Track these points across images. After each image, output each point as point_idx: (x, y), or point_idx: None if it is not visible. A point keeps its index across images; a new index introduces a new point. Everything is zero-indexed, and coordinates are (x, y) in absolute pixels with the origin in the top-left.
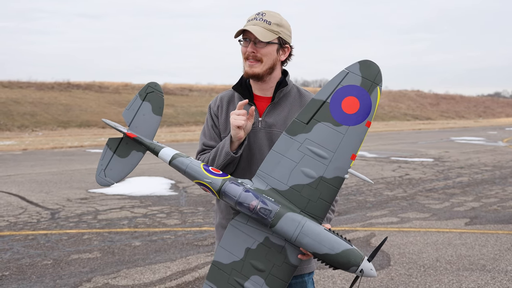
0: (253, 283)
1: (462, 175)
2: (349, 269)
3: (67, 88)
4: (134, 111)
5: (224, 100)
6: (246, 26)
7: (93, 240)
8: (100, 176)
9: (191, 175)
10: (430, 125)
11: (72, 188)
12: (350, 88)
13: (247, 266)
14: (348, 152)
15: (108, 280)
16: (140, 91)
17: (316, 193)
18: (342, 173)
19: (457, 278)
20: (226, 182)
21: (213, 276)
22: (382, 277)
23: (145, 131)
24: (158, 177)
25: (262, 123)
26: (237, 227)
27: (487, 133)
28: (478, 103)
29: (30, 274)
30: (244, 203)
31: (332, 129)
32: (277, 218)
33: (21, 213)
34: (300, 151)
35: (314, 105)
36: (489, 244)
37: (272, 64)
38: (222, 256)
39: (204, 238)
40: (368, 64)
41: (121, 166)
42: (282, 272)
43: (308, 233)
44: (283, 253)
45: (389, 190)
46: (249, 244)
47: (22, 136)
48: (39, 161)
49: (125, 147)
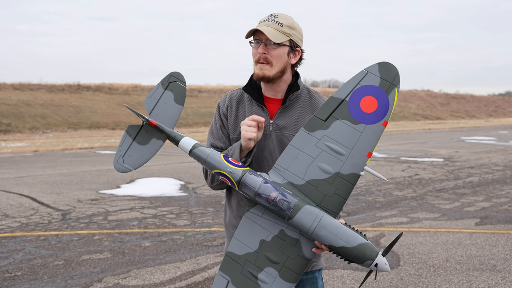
0: (267, 275)
1: (472, 175)
2: (364, 263)
3: (77, 90)
4: (155, 99)
5: (233, 100)
6: (257, 26)
7: (104, 241)
8: (119, 162)
9: (211, 164)
10: (440, 125)
11: (83, 189)
12: (368, 88)
13: (261, 258)
14: (365, 150)
15: (118, 280)
16: (162, 80)
17: (332, 188)
18: (358, 170)
19: (467, 278)
20: (246, 173)
21: (226, 267)
22: (392, 277)
23: (166, 120)
24: (167, 178)
25: (273, 126)
26: (252, 219)
27: (498, 133)
28: (489, 103)
29: (42, 274)
30: (263, 194)
31: (350, 127)
32: (295, 211)
33: (33, 214)
34: (318, 147)
35: (333, 103)
36: (499, 244)
37: (283, 67)
38: (236, 247)
39: (213, 239)
40: (387, 65)
41: (140, 153)
42: (296, 265)
43: (325, 226)
44: (297, 246)
45: (399, 190)
46: (264, 236)
47: (33, 137)
48: (50, 163)
49: (145, 135)
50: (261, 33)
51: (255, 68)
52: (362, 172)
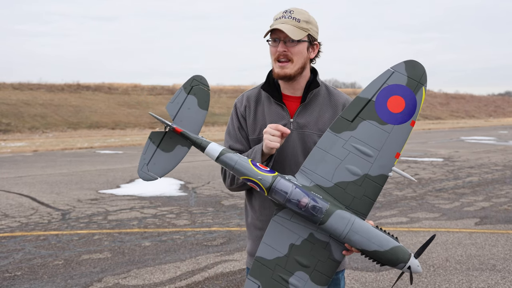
0: (298, 279)
1: (472, 175)
2: (397, 265)
3: (77, 89)
4: (178, 104)
5: (251, 100)
6: (275, 25)
7: (104, 241)
8: (143, 170)
9: (239, 171)
10: (440, 125)
11: (83, 189)
12: (395, 87)
13: (291, 262)
14: (393, 151)
15: (118, 280)
16: (185, 84)
17: (361, 190)
18: (386, 171)
19: (467, 278)
20: (276, 179)
21: (256, 271)
22: (392, 277)
23: (190, 126)
24: (167, 177)
25: (293, 125)
26: (281, 223)
27: (497, 133)
28: (489, 103)
29: (42, 274)
30: (294, 200)
31: (377, 128)
32: (327, 216)
33: (32, 214)
34: (345, 148)
35: (359, 103)
36: (499, 244)
37: (303, 63)
38: (266, 252)
39: (213, 238)
40: (413, 64)
41: (165, 161)
42: (327, 268)
43: (357, 230)
44: (327, 249)
45: (399, 190)
46: (293, 240)
47: (33, 137)
48: (49, 162)
49: (169, 142)
50: (279, 31)
51: (275, 67)
52: (390, 173)
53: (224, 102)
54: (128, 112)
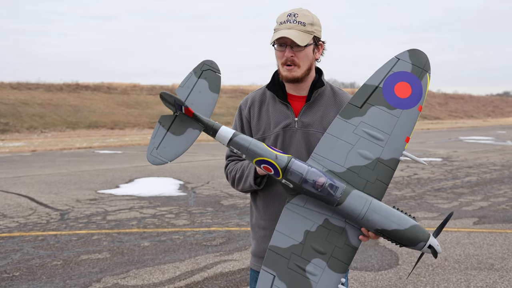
0: (315, 266)
1: (470, 175)
2: (417, 245)
3: (76, 89)
4: (189, 88)
5: (256, 101)
6: (281, 31)
7: (103, 241)
8: (153, 154)
9: (254, 152)
10: (438, 125)
11: (81, 189)
12: (401, 74)
13: (308, 249)
14: (403, 135)
15: (117, 280)
16: (195, 68)
17: (374, 174)
18: (397, 155)
19: (465, 277)
20: (292, 159)
21: (270, 261)
22: (391, 276)
23: (202, 109)
24: (166, 177)
25: (298, 123)
26: (294, 210)
27: (496, 133)
28: (487, 103)
29: (40, 274)
30: (311, 180)
31: (386, 113)
32: (344, 195)
33: (31, 214)
34: (356, 133)
35: (367, 90)
36: (497, 243)
37: (310, 65)
38: (280, 241)
39: (213, 238)
40: (417, 52)
41: (176, 144)
42: (344, 254)
43: (376, 209)
44: (343, 234)
45: (398, 190)
46: (308, 226)
47: (31, 137)
48: (48, 162)
49: (180, 125)
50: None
51: (282, 70)
52: (402, 157)
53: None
54: (127, 112)
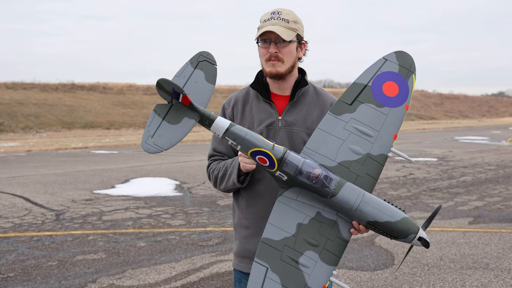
0: (308, 259)
1: (466, 175)
2: (408, 237)
3: (71, 89)
4: (185, 78)
5: (239, 100)
6: (266, 27)
7: (98, 241)
8: (148, 142)
9: (251, 142)
10: (434, 125)
11: (77, 189)
12: (389, 74)
13: (300, 242)
14: (391, 132)
15: (113, 281)
16: (191, 59)
17: (364, 169)
18: (386, 151)
19: (460, 276)
20: (288, 151)
21: (263, 254)
22: (386, 276)
23: (198, 99)
24: (162, 177)
25: (282, 122)
26: (286, 203)
27: (491, 133)
28: (482, 103)
29: (35, 275)
30: (306, 171)
31: (375, 110)
32: (338, 187)
33: (26, 215)
34: (346, 129)
35: (356, 88)
36: (492, 243)
37: (293, 62)
38: (272, 233)
39: (209, 239)
40: (403, 54)
41: (171, 133)
42: (336, 247)
43: (369, 201)
44: (335, 227)
45: (393, 190)
46: (300, 219)
47: (27, 137)
48: (43, 163)
49: (175, 114)
50: (269, 32)
51: (266, 66)
52: (390, 153)
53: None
54: (123, 112)
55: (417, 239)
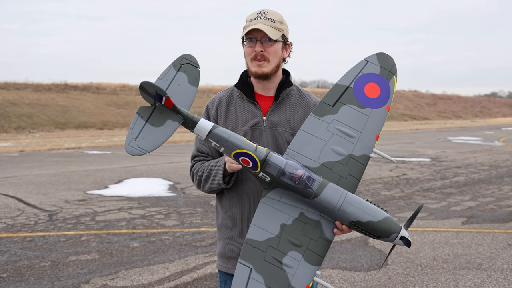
0: (291, 259)
1: (458, 175)
2: (390, 236)
3: (64, 89)
4: (168, 81)
5: (223, 101)
6: (254, 25)
7: (91, 242)
8: (131, 145)
9: (234, 144)
10: (427, 125)
11: (70, 190)
12: (370, 75)
13: (284, 242)
14: (373, 133)
15: (106, 282)
16: (174, 62)
17: (346, 169)
18: (368, 152)
19: (453, 277)
20: (271, 152)
21: (247, 254)
22: (380, 276)
23: (181, 102)
24: (156, 178)
25: (266, 122)
26: (270, 204)
27: (484, 133)
28: (475, 103)
29: (28, 276)
30: (289, 172)
31: (357, 111)
32: (321, 188)
33: (19, 215)
34: (329, 130)
35: (338, 89)
36: (485, 243)
37: (278, 62)
38: (256, 234)
39: (202, 239)
40: (384, 56)
41: (155, 136)
42: (319, 247)
43: (351, 201)
44: (318, 227)
45: (387, 190)
46: (284, 220)
47: (19, 137)
48: (36, 163)
49: (159, 116)
50: (256, 31)
51: (251, 66)
52: (372, 154)
53: None
54: (116, 112)
55: (399, 238)
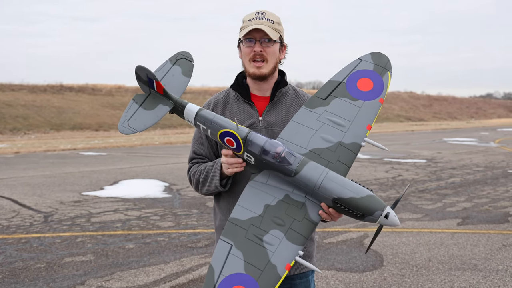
0: (272, 237)
1: (454, 176)
2: (374, 214)
3: (60, 90)
4: (163, 72)
5: (219, 103)
6: (254, 25)
7: (87, 243)
8: (123, 125)
9: (218, 124)
10: (423, 126)
11: (65, 191)
12: (363, 71)
13: (266, 221)
14: (364, 122)
15: (101, 283)
16: (171, 57)
17: (335, 156)
18: (359, 140)
19: (449, 277)
20: (251, 132)
21: (229, 232)
22: (375, 277)
23: (173, 89)
24: (151, 179)
25: (262, 122)
26: (256, 187)
27: (479, 134)
28: (470, 104)
29: (23, 277)
30: (270, 150)
31: (349, 103)
32: (302, 165)
33: (14, 217)
34: (319, 120)
35: (331, 85)
36: (480, 244)
37: (276, 63)
38: (240, 213)
39: (198, 240)
40: (378, 54)
41: (146, 117)
42: (303, 227)
43: (333, 178)
44: (303, 209)
45: (382, 191)
46: (268, 201)
47: (15, 139)
48: (31, 164)
49: (151, 101)
50: (255, 31)
51: (249, 67)
52: (363, 143)
53: None
54: (112, 113)
55: (384, 216)
